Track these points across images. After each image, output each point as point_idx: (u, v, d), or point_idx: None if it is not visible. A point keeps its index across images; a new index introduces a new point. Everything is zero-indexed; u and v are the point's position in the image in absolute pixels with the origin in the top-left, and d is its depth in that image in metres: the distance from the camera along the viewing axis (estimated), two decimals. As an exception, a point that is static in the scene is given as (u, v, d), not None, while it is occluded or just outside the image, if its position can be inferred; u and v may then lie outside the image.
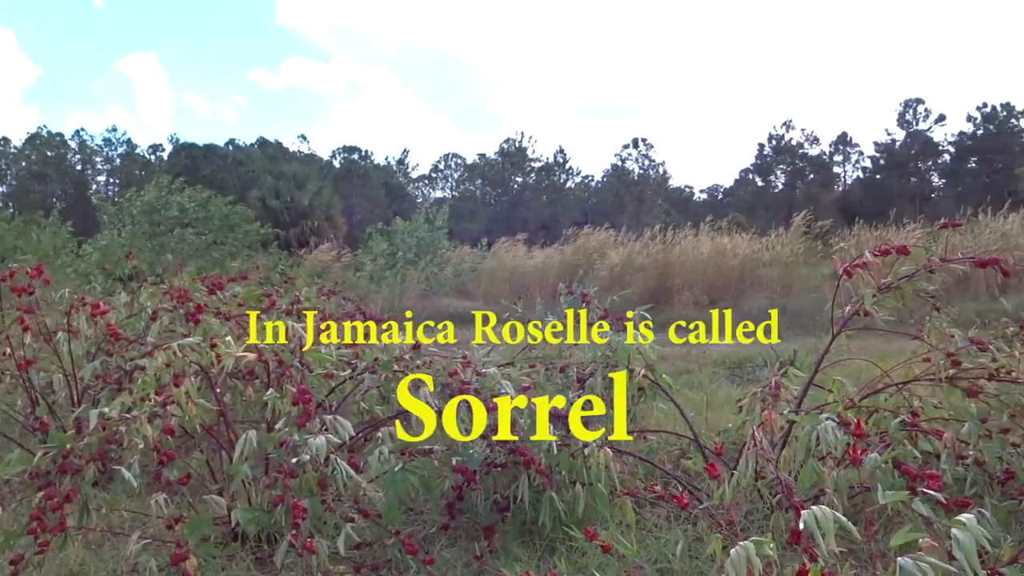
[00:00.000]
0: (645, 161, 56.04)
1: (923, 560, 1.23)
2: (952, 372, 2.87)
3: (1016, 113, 47.52)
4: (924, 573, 1.20)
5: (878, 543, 1.96)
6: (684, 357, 8.16)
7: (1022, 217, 14.91)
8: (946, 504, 2.11)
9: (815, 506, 1.36)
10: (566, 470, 2.87)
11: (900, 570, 1.21)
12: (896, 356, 3.62)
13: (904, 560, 1.24)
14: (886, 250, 2.69)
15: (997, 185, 42.27)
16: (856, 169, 53.47)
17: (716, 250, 14.62)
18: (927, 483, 2.05)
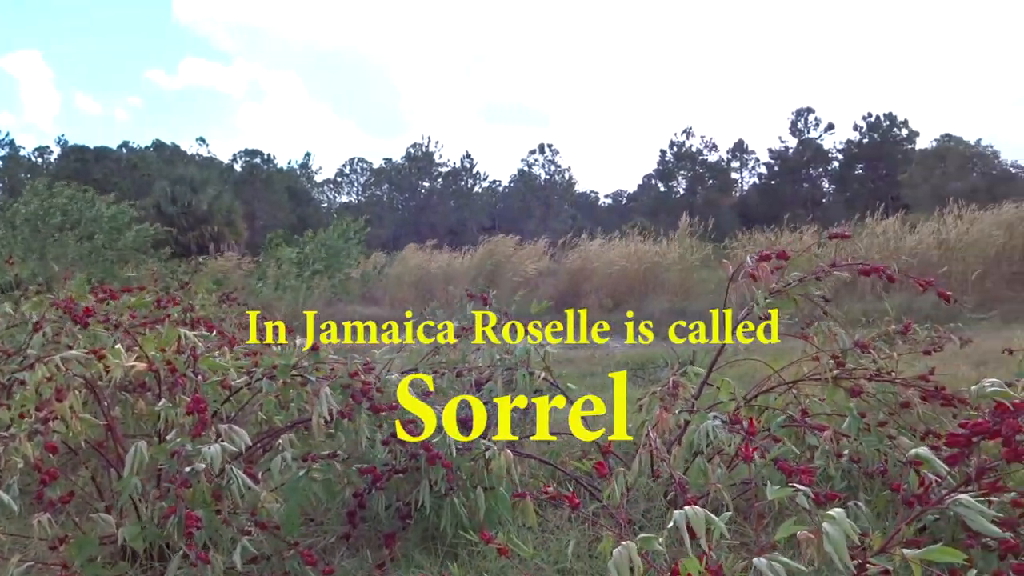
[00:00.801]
0: (551, 167, 56.68)
1: (776, 560, 1.29)
2: (836, 373, 3.01)
3: (898, 123, 50.26)
4: (776, 572, 1.26)
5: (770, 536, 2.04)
6: (589, 359, 8.29)
7: (907, 222, 15.78)
8: (817, 498, 2.23)
9: (688, 506, 1.40)
10: (467, 474, 2.88)
11: (754, 570, 1.27)
12: (788, 355, 3.77)
13: (759, 560, 1.30)
14: (766, 256, 2.81)
15: (882, 191, 44.60)
16: (752, 175, 55.45)
17: (622, 255, 14.93)
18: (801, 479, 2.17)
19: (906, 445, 2.66)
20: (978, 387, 2.00)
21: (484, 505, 2.82)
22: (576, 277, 14.31)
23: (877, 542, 1.38)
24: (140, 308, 3.81)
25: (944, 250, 13.98)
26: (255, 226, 43.24)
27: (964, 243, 13.87)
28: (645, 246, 15.18)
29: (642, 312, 12.52)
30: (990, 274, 12.93)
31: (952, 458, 1.44)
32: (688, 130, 55.12)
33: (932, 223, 14.96)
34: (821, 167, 52.65)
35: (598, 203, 60.86)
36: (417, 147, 55.60)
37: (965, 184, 36.36)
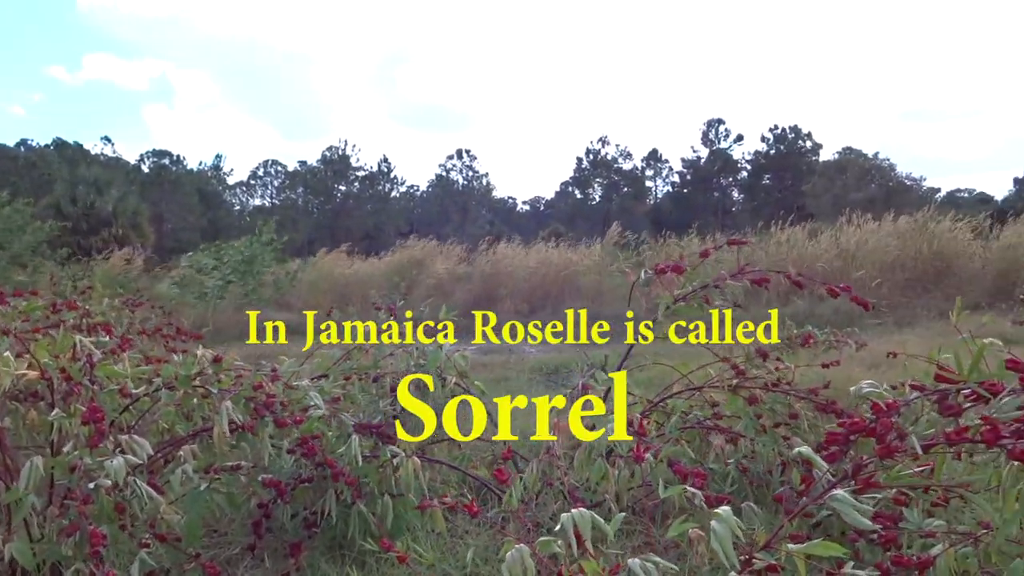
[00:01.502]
0: (469, 172, 56.76)
1: (650, 560, 1.34)
2: (736, 381, 3.12)
3: (802, 135, 52.28)
4: (648, 572, 1.30)
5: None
6: (503, 364, 8.33)
7: (807, 230, 16.41)
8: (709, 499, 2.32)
9: (576, 509, 1.44)
10: (374, 482, 2.86)
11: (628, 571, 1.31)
12: (699, 359, 3.87)
13: (632, 561, 1.34)
14: (663, 269, 2.90)
15: (788, 200, 46.31)
16: (666, 183, 56.78)
17: (538, 260, 15.06)
18: (694, 481, 2.26)
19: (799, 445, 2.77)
20: (855, 388, 2.10)
21: (392, 512, 2.81)
22: (491, 282, 14.36)
23: (762, 538, 1.44)
24: (33, 313, 3.65)
25: (845, 258, 14.62)
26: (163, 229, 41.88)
27: (864, 251, 14.53)
28: (561, 252, 15.35)
29: (558, 316, 12.65)
30: (886, 281, 13.56)
31: (831, 456, 1.52)
32: (604, 138, 56.03)
33: (833, 232, 15.62)
34: (731, 176, 54.32)
35: (516, 209, 61.25)
36: (333, 150, 54.82)
37: (864, 195, 38.08)
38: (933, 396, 1.48)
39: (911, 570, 1.77)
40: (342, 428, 3.07)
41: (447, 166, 56.52)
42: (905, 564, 1.74)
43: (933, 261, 13.55)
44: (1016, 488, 1.39)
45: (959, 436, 1.43)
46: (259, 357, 6.34)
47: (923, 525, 2.01)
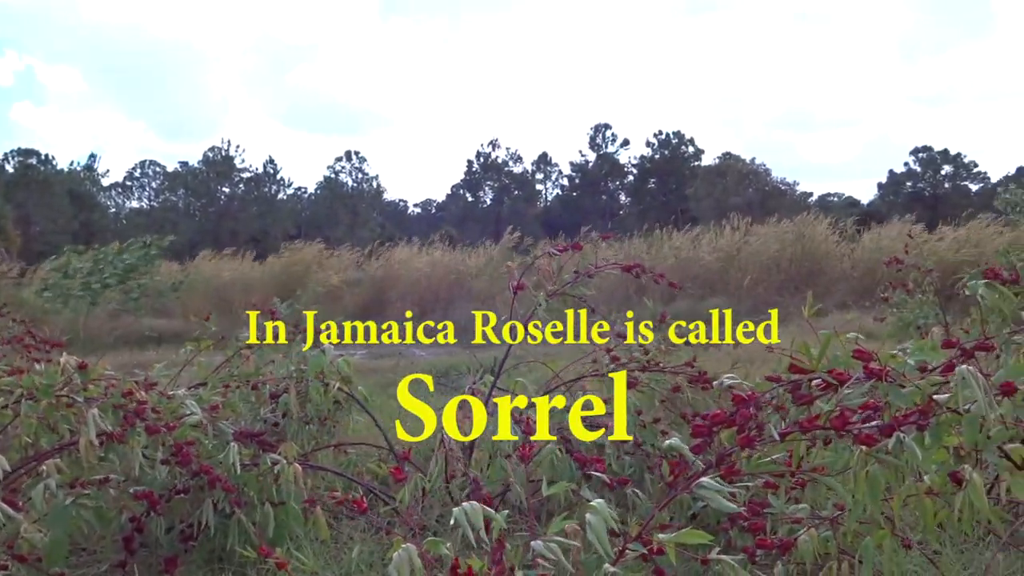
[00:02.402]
0: (359, 174, 55.99)
1: (553, 541, 1.36)
2: (613, 367, 3.21)
3: (685, 140, 54.13)
4: (554, 552, 1.33)
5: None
6: (393, 368, 8.26)
7: (693, 234, 17.02)
8: (610, 483, 2.38)
9: (467, 502, 1.45)
10: (255, 491, 2.79)
11: (532, 550, 1.33)
12: (577, 355, 3.94)
13: (536, 543, 1.36)
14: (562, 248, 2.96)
15: (672, 204, 47.87)
16: (555, 186, 57.63)
17: (429, 264, 15.01)
18: (595, 467, 2.34)
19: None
20: (718, 381, 2.20)
21: (273, 521, 2.74)
22: (382, 286, 14.22)
23: (635, 529, 1.49)
24: None
25: (725, 260, 15.23)
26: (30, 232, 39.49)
27: (744, 254, 15.18)
28: (452, 255, 15.36)
29: (449, 319, 12.65)
30: (763, 281, 14.21)
31: (697, 447, 1.58)
32: (494, 142, 56.36)
33: (714, 235, 16.26)
34: (618, 180, 55.65)
35: (407, 212, 60.88)
36: (216, 151, 52.97)
37: (743, 199, 39.77)
38: (787, 387, 1.57)
39: (773, 553, 1.87)
40: (220, 436, 2.98)
41: (336, 168, 55.59)
42: (768, 547, 1.83)
43: (805, 262, 14.28)
44: (864, 471, 1.49)
45: (811, 424, 1.52)
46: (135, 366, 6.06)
47: (787, 510, 2.12)
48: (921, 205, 38.42)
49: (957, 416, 1.41)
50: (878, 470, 1.46)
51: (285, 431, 3.48)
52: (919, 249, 12.15)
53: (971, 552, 2.68)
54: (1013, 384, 1.41)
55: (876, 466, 1.46)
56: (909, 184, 48.25)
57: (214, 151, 53.06)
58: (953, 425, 1.42)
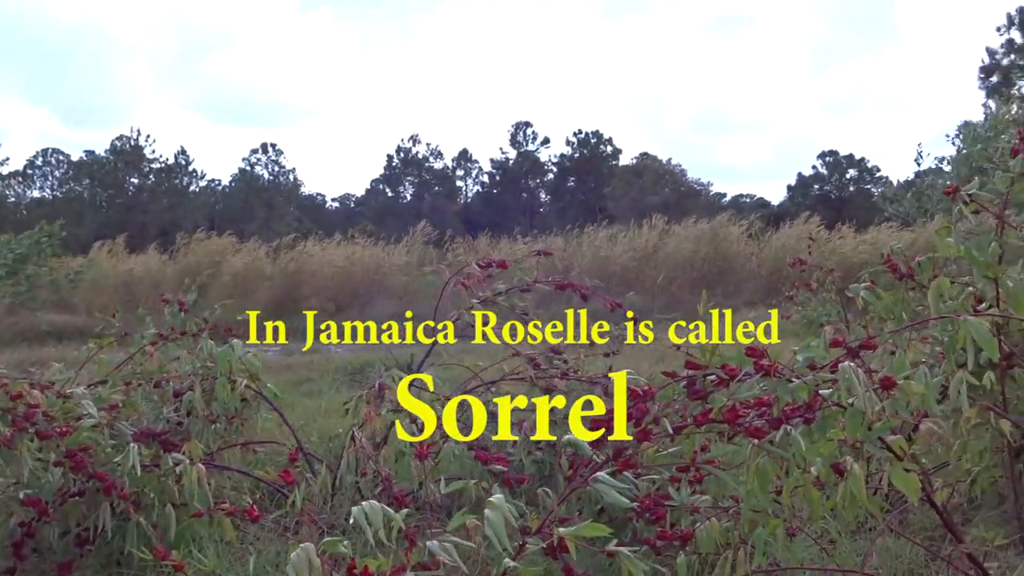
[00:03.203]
0: (275, 167, 54.77)
1: (448, 540, 1.37)
2: (534, 373, 3.24)
3: (603, 140, 54.86)
4: (448, 552, 1.34)
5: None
6: (307, 365, 8.14)
7: (611, 233, 17.28)
8: (508, 481, 2.41)
9: (366, 502, 1.44)
10: (155, 492, 2.70)
11: (428, 551, 1.34)
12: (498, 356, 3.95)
13: (432, 543, 1.37)
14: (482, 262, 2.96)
15: (591, 203, 48.45)
16: (476, 183, 57.59)
17: (345, 258, 14.80)
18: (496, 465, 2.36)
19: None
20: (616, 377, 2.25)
21: (175, 523, 2.66)
22: (295, 280, 13.93)
23: (535, 523, 1.50)
24: None
25: (641, 258, 15.53)
26: (-82, 223, 37.28)
27: (659, 253, 15.51)
28: (369, 249, 15.18)
29: (366, 316, 12.52)
30: (677, 279, 14.54)
31: (596, 442, 1.62)
32: (415, 137, 55.89)
33: (632, 234, 16.56)
34: (538, 178, 55.99)
35: (325, 206, 59.88)
36: (124, 140, 50.97)
37: (659, 198, 40.57)
38: (683, 382, 1.62)
39: (676, 544, 1.92)
40: (120, 437, 2.88)
41: (251, 160, 54.21)
42: (669, 538, 1.88)
43: (717, 261, 14.68)
44: (755, 462, 1.55)
45: (704, 418, 1.57)
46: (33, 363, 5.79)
47: (688, 501, 2.18)
48: (827, 207, 39.87)
49: (842, 410, 1.48)
50: (768, 462, 1.51)
51: (190, 430, 3.38)
52: (822, 249, 12.67)
53: (865, 539, 2.81)
54: (892, 379, 1.49)
55: (766, 458, 1.51)
56: (816, 187, 50.02)
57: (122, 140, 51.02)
58: (838, 419, 1.49)
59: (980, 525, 3.10)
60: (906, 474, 1.48)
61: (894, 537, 2.62)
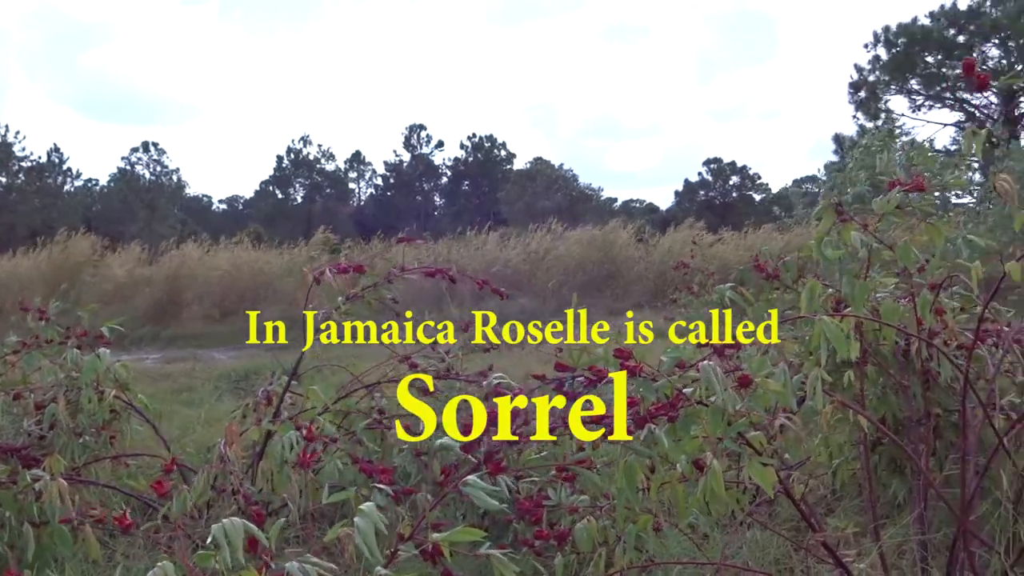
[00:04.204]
0: (157, 167, 52.54)
1: (308, 562, 1.35)
2: (411, 374, 3.21)
3: (497, 144, 55.21)
4: (307, 573, 1.31)
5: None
6: (187, 374, 7.83)
7: (499, 235, 17.40)
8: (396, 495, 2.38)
9: (227, 519, 1.40)
10: (12, 510, 2.54)
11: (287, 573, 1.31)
12: (368, 359, 3.91)
13: (291, 564, 1.34)
14: (344, 268, 2.92)
15: (485, 206, 48.65)
16: (369, 186, 56.91)
17: (231, 262, 14.32)
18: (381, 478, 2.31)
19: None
20: (487, 382, 2.27)
21: (34, 543, 2.51)
22: (177, 285, 13.35)
23: (407, 530, 1.49)
24: None
25: (532, 261, 15.71)
26: None
27: (550, 256, 15.72)
28: (257, 253, 14.74)
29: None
30: (567, 282, 14.76)
31: (468, 445, 1.62)
32: (306, 138, 54.75)
33: (524, 238, 16.74)
34: (432, 182, 55.82)
35: (212, 208, 57.88)
36: (-10, 136, 47.80)
37: (552, 203, 41.13)
38: (552, 384, 1.64)
39: (552, 543, 1.95)
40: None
41: (131, 159, 51.77)
42: (545, 537, 1.90)
43: (606, 265, 15.00)
44: (624, 460, 1.59)
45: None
46: None
47: (568, 502, 2.22)
48: (712, 212, 41.41)
49: (703, 408, 1.54)
50: (635, 460, 1.56)
51: (54, 444, 3.20)
52: (704, 253, 13.14)
53: (736, 533, 2.93)
54: (749, 377, 1.56)
55: (633, 456, 1.56)
56: (702, 192, 51.82)
57: (-12, 137, 47.85)
58: (700, 416, 1.55)
59: (841, 515, 3.29)
60: (763, 468, 1.55)
61: (761, 529, 2.74)
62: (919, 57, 30.87)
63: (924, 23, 30.69)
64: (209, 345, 10.67)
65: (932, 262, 2.25)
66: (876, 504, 2.62)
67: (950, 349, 2.51)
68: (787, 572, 2.69)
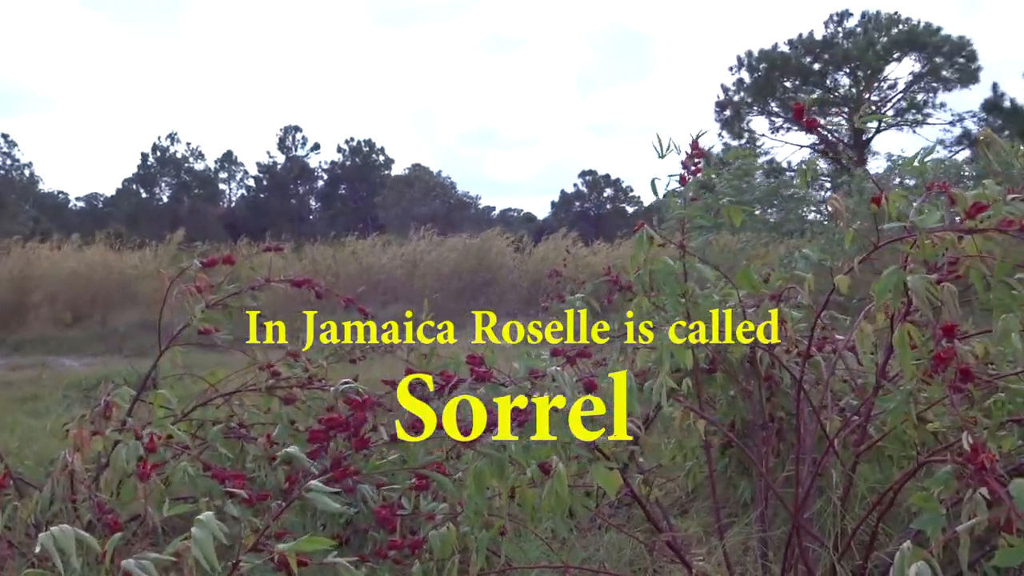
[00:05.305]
0: (8, 160, 49.10)
1: (146, 558, 1.29)
2: (272, 382, 3.11)
3: (376, 149, 54.64)
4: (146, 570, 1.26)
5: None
6: (33, 381, 7.34)
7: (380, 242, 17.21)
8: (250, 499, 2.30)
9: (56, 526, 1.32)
10: None
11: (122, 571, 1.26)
12: (230, 367, 3.78)
13: (127, 562, 1.29)
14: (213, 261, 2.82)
15: (363, 211, 48.05)
16: (241, 187, 55.07)
17: (85, 263, 13.50)
18: (234, 483, 2.24)
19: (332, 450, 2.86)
20: (335, 388, 2.24)
21: None
22: (23, 286, 12.45)
23: (250, 540, 1.45)
24: None
25: (409, 268, 15.61)
26: None
27: (426, 262, 15.67)
28: (114, 254, 13.97)
29: (108, 326, 11.52)
30: (443, 289, 14.75)
31: (313, 453, 1.59)
32: (173, 135, 52.41)
33: (400, 244, 16.62)
34: (308, 184, 54.61)
35: (68, 205, 54.51)
36: None
37: (430, 210, 41.07)
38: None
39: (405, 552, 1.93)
40: None
41: (-22, 152, 48.16)
42: (399, 547, 1.89)
43: (481, 272, 15.10)
44: (474, 466, 1.60)
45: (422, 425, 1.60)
46: None
47: (427, 509, 2.21)
48: (587, 223, 42.46)
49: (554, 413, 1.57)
50: (484, 465, 1.57)
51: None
52: (578, 263, 13.43)
53: (594, 537, 3.00)
54: (594, 382, 1.60)
55: (483, 462, 1.57)
56: (578, 204, 53.01)
57: None
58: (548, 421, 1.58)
59: (694, 516, 3.43)
60: (607, 472, 1.60)
61: (617, 532, 2.81)
62: (778, 82, 32.75)
63: (784, 50, 32.62)
64: (59, 351, 10.03)
65: (774, 275, 2.38)
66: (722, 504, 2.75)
67: (791, 357, 2.67)
68: (641, 572, 2.77)
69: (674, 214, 2.05)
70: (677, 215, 2.03)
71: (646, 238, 1.89)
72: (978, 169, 10.32)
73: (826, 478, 2.45)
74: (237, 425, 3.10)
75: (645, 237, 1.89)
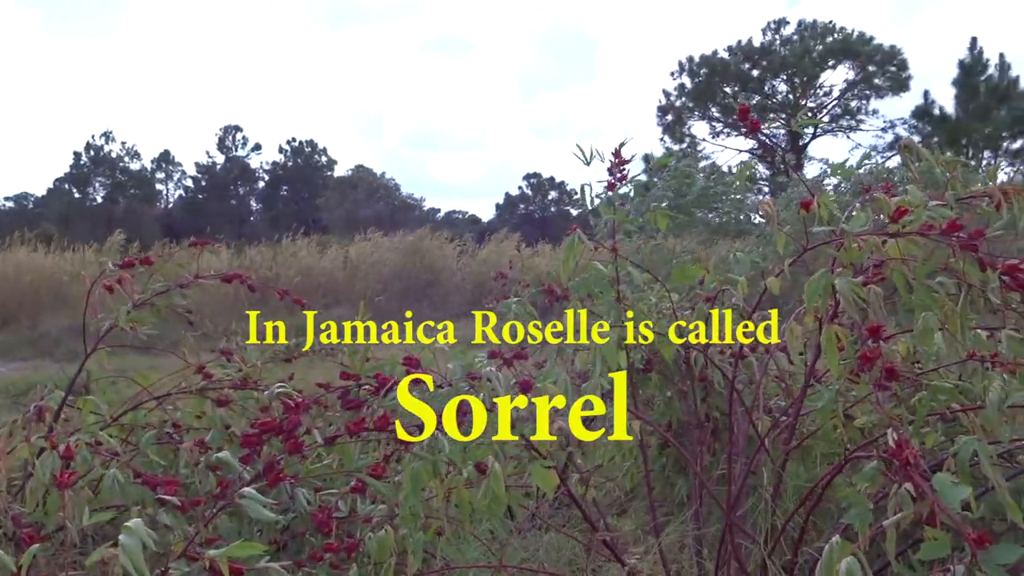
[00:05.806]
0: (-71, 158, 47.17)
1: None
2: (204, 384, 3.05)
3: (318, 150, 54.01)
4: None
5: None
6: (-41, 388, 7.05)
7: (318, 242, 17.02)
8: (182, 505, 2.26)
9: None
10: None
11: None
12: (164, 370, 3.70)
13: None
14: (130, 262, 2.76)
15: (304, 212, 47.40)
16: (179, 187, 53.86)
17: (13, 265, 13.06)
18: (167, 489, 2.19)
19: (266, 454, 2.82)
20: (269, 391, 2.22)
21: None
22: (-56, 290, 12.01)
23: (180, 546, 1.42)
24: None
25: (350, 269, 15.47)
26: None
27: (368, 264, 15.54)
28: (42, 256, 13.53)
29: (38, 330, 11.16)
30: (386, 291, 14.65)
31: (246, 457, 1.57)
32: (108, 134, 50.99)
33: (342, 245, 16.45)
34: (248, 185, 53.69)
35: (-4, 206, 52.65)
36: None
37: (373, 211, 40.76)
38: (335, 392, 1.63)
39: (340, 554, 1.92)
40: None
41: None
42: (335, 550, 1.87)
43: (424, 274, 15.04)
44: (410, 467, 1.60)
45: (358, 427, 1.59)
46: None
47: (365, 512, 2.20)
48: (531, 225, 42.62)
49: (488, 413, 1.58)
50: (419, 466, 1.57)
51: None
52: (523, 265, 13.48)
53: (533, 537, 3.02)
54: (530, 382, 1.62)
55: (418, 463, 1.57)
56: (522, 206, 53.21)
57: None
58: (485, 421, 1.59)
59: (633, 515, 3.47)
60: (545, 471, 1.61)
61: (556, 532, 2.83)
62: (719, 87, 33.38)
63: (723, 56, 33.26)
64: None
65: (708, 277, 2.43)
66: (660, 504, 2.79)
67: (725, 358, 2.72)
68: (580, 572, 2.80)
69: (604, 219, 2.08)
70: (607, 219, 2.06)
71: (576, 242, 1.91)
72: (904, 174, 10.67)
73: (758, 476, 2.51)
74: (171, 428, 3.04)
75: (576, 241, 1.91)
